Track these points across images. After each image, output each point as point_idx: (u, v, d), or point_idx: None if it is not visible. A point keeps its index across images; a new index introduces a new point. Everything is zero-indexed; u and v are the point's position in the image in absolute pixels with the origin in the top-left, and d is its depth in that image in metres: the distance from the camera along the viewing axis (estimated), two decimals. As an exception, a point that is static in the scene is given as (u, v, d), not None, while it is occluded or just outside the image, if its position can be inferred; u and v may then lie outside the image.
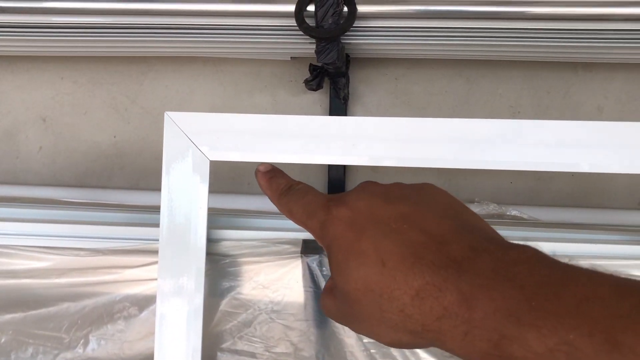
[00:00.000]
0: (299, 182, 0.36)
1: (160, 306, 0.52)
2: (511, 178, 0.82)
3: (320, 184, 0.84)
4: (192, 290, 0.52)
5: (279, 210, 0.36)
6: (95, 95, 0.87)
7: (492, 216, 0.78)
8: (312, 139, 0.57)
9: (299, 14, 0.64)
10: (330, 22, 0.64)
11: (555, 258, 0.26)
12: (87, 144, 0.87)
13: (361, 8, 0.66)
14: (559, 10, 0.69)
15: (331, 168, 0.83)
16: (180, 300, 0.52)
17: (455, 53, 0.76)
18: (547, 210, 0.78)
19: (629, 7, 0.68)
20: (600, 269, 0.24)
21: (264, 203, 0.78)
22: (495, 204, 0.77)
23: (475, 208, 0.78)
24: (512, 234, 0.66)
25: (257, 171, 0.40)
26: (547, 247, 0.62)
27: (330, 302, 0.31)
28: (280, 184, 0.37)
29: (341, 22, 0.64)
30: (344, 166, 0.83)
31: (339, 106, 0.81)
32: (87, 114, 0.87)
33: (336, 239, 0.29)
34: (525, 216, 0.76)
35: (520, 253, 0.25)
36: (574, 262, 0.25)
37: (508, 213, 0.77)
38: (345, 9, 0.65)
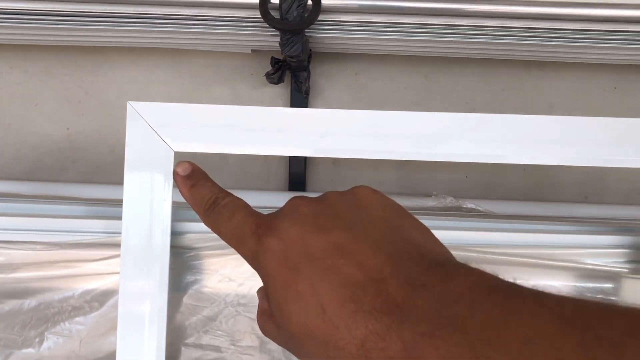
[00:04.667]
0: (225, 194, 0.34)
1: (122, 306, 0.51)
2: (467, 172, 0.84)
3: (281, 178, 0.84)
4: (156, 290, 0.51)
5: (206, 226, 0.34)
6: (48, 86, 0.84)
7: (449, 209, 0.79)
8: (276, 130, 0.57)
9: (264, 5, 0.64)
10: (295, 14, 0.64)
11: (499, 279, 0.24)
12: (38, 137, 0.84)
13: (326, 1, 0.66)
14: (512, 9, 0.71)
15: (292, 162, 0.83)
16: (143, 300, 0.51)
17: (414, 49, 0.78)
18: (501, 204, 0.80)
19: (580, 7, 0.71)
20: (545, 292, 0.23)
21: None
22: (452, 197, 0.79)
23: (433, 201, 0.79)
24: (468, 225, 0.68)
25: (175, 174, 0.37)
26: (500, 238, 0.63)
27: (274, 332, 0.30)
28: (204, 196, 0.34)
29: (306, 15, 0.64)
30: (305, 160, 0.83)
31: (300, 100, 0.81)
32: (39, 105, 0.84)
33: (271, 276, 0.28)
34: (480, 209, 0.78)
35: (461, 283, 0.24)
36: (519, 281, 0.24)
37: (464, 206, 0.79)
38: (310, 2, 0.65)
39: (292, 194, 0.86)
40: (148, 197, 0.54)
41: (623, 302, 0.22)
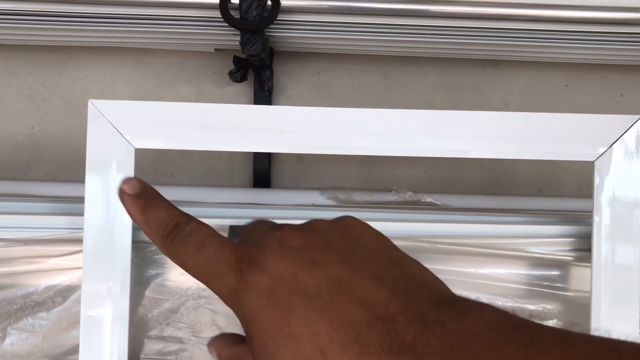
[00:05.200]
0: (188, 219, 0.29)
1: (84, 301, 0.52)
2: (426, 168, 0.87)
3: (246, 175, 0.85)
4: (118, 285, 0.53)
5: (165, 255, 0.29)
6: (11, 85, 0.84)
7: (408, 203, 0.82)
8: (238, 127, 0.59)
9: (224, 5, 0.65)
10: (254, 14, 0.65)
11: (516, 316, 0.23)
12: (3, 136, 0.84)
13: (285, 1, 0.68)
14: (468, 10, 0.74)
15: (256, 158, 0.84)
16: (105, 295, 0.52)
17: (374, 49, 0.80)
18: (459, 198, 0.83)
19: (532, 9, 0.74)
20: (569, 331, 0.21)
21: (190, 194, 0.79)
22: (412, 192, 0.81)
23: (393, 196, 0.82)
24: (424, 217, 0.70)
25: (122, 192, 0.31)
26: (453, 229, 0.66)
27: None
28: (160, 220, 0.29)
29: (265, 14, 0.66)
30: (270, 156, 0.85)
31: (263, 98, 0.83)
32: (3, 104, 0.84)
33: (257, 316, 0.24)
34: (438, 203, 0.81)
35: (477, 321, 0.22)
36: (535, 318, 0.23)
37: (423, 200, 0.82)
38: (270, 1, 0.67)
39: (256, 191, 0.87)
40: (109, 193, 0.55)
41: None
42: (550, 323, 0.61)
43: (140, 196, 0.31)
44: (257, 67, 0.80)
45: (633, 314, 0.57)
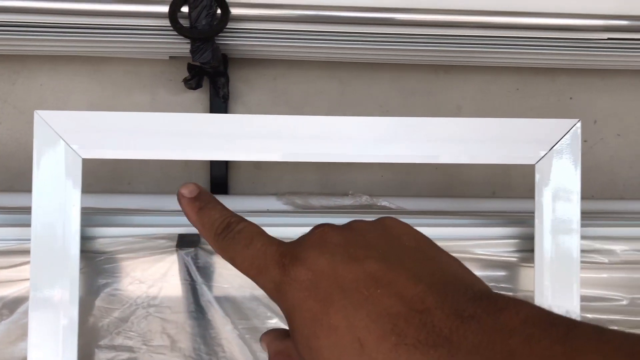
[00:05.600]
0: (239, 219, 0.31)
1: (32, 313, 0.52)
2: (382, 172, 0.88)
3: (203, 181, 0.86)
4: (67, 295, 0.53)
5: (216, 252, 0.31)
6: (-38, 94, 0.83)
7: (364, 207, 0.83)
8: (191, 135, 0.59)
9: (173, 14, 0.66)
10: (203, 23, 0.66)
11: (552, 312, 0.23)
12: (-46, 146, 0.83)
13: (235, 10, 0.68)
14: (420, 17, 0.75)
15: (213, 165, 0.85)
16: (54, 306, 0.52)
17: (330, 55, 0.81)
18: (414, 200, 0.85)
19: (480, 15, 0.75)
20: (605, 327, 0.21)
21: (147, 201, 0.79)
22: (368, 196, 0.83)
23: (350, 200, 0.83)
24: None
25: (180, 196, 0.33)
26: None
27: None
28: (214, 220, 0.31)
29: (215, 23, 0.67)
30: (227, 163, 0.85)
31: (219, 105, 0.83)
32: (-47, 113, 0.83)
33: (299, 309, 0.26)
34: (393, 206, 0.83)
35: (513, 317, 0.22)
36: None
37: (378, 204, 0.83)
38: (219, 10, 0.67)
39: (217, 197, 0.88)
40: (57, 203, 0.55)
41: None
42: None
43: (196, 199, 0.32)
44: (211, 74, 0.80)
45: (574, 311, 0.58)
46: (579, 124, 0.59)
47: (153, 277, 0.58)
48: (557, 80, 0.89)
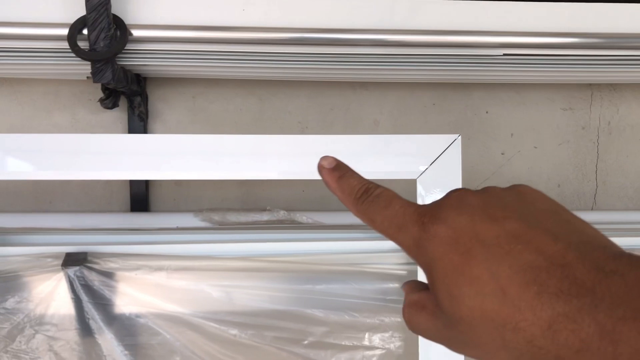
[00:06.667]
0: (376, 185, 0.33)
1: None
2: (303, 187, 0.90)
3: (124, 199, 0.87)
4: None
5: (355, 215, 0.33)
6: None
7: (282, 222, 0.84)
8: (108, 155, 0.61)
9: (72, 37, 0.67)
10: (102, 45, 0.67)
11: None
12: None
13: (137, 32, 0.70)
14: (334, 36, 0.77)
15: (133, 183, 0.86)
16: None
17: (247, 74, 0.83)
18: (335, 215, 0.86)
19: (392, 34, 0.77)
20: None
21: (67, 220, 0.80)
22: (285, 211, 0.84)
23: (266, 215, 0.84)
24: (299, 236, 0.73)
25: (320, 167, 0.36)
26: (335, 246, 0.68)
27: (427, 322, 0.29)
28: (353, 186, 0.34)
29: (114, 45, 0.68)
30: (147, 181, 0.86)
31: (137, 124, 0.84)
32: None
33: (439, 261, 0.27)
34: (311, 221, 0.84)
35: None
36: None
37: (296, 219, 0.84)
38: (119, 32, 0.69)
39: (134, 215, 0.88)
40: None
41: None
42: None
43: (335, 169, 0.35)
44: (127, 93, 0.82)
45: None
46: (459, 139, 0.61)
47: (40, 295, 0.58)
48: (473, 95, 0.91)
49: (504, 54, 0.75)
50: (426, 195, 0.61)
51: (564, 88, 0.92)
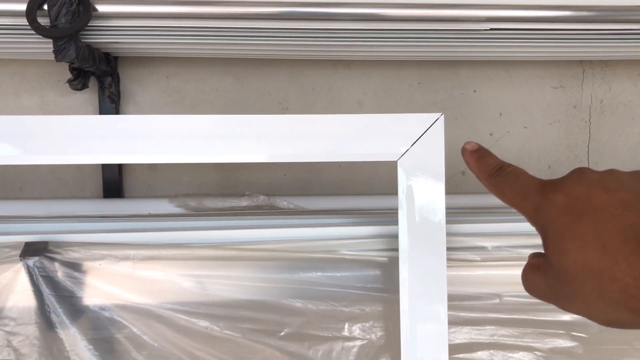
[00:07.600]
0: (509, 164, 0.37)
1: None
2: (285, 171, 0.86)
3: (96, 185, 0.83)
4: None
5: (488, 189, 0.37)
6: None
7: (261, 207, 0.81)
8: (78, 138, 0.57)
9: (30, 12, 0.63)
10: (63, 21, 0.63)
11: None
12: None
13: (101, 7, 0.66)
14: (315, 10, 0.73)
15: (105, 168, 0.82)
16: None
17: (222, 52, 0.78)
18: (317, 200, 0.83)
19: (378, 8, 0.73)
20: None
21: (38, 207, 0.76)
22: (265, 196, 0.80)
23: (245, 201, 0.81)
24: (277, 222, 0.70)
25: (464, 149, 0.40)
26: (313, 232, 0.65)
27: (539, 280, 0.32)
28: (489, 164, 0.38)
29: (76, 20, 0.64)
30: (119, 166, 0.83)
31: (108, 106, 0.80)
32: None
33: (552, 223, 0.30)
34: (292, 206, 0.80)
35: None
36: None
37: (276, 204, 0.81)
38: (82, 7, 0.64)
39: (105, 202, 0.85)
40: None
41: None
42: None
43: (477, 151, 0.39)
44: (97, 74, 0.78)
45: (439, 309, 0.56)
46: (441, 118, 0.58)
47: (-2, 289, 0.55)
48: (461, 74, 0.87)
49: (491, 29, 0.71)
50: (408, 179, 0.57)
51: (554, 65, 0.88)
